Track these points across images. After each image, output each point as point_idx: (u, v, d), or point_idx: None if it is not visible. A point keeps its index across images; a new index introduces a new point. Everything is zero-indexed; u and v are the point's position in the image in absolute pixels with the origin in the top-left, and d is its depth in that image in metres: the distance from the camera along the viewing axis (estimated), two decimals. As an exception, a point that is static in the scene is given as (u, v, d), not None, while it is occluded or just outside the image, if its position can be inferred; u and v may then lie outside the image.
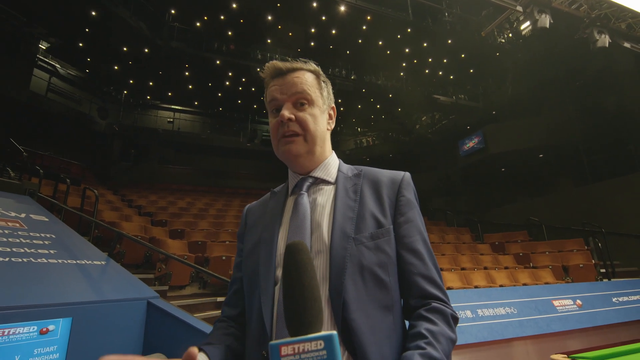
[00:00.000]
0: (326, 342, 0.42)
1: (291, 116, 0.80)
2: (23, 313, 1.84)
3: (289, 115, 0.80)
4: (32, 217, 3.49)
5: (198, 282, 5.71)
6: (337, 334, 0.43)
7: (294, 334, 0.45)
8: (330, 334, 0.42)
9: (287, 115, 0.79)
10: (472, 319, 4.03)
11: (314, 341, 0.42)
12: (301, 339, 0.43)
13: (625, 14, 8.36)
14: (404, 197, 0.81)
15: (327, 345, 0.42)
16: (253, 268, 0.80)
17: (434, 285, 0.74)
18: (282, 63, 0.84)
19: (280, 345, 0.43)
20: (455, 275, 6.05)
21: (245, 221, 0.95)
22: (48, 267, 2.47)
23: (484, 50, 13.27)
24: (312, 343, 0.42)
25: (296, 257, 0.49)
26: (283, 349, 0.42)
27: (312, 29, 13.70)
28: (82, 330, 2.01)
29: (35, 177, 6.81)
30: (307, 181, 0.84)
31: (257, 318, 0.73)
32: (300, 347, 0.42)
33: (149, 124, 16.53)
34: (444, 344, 0.64)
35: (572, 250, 7.38)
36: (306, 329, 0.45)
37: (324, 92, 0.88)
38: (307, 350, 0.42)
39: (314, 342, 0.42)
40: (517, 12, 8.20)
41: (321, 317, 0.47)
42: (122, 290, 2.49)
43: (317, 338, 0.42)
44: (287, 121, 0.80)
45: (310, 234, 0.76)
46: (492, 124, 13.47)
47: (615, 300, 4.99)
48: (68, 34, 11.68)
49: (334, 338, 0.42)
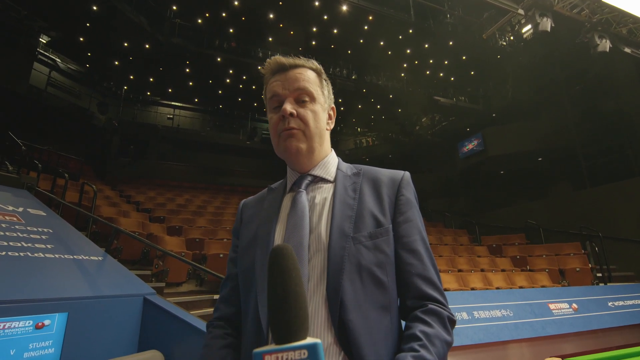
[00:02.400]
0: (310, 351, 0.42)
1: (293, 111, 0.79)
2: (18, 307, 1.83)
3: (291, 110, 0.79)
4: (30, 211, 3.48)
5: (195, 280, 5.70)
6: (321, 343, 0.42)
7: (278, 342, 0.44)
8: (314, 342, 0.42)
9: (289, 110, 0.78)
10: (468, 320, 4.03)
11: (298, 350, 0.42)
12: (285, 347, 0.42)
13: (627, 19, 8.38)
14: (404, 196, 0.81)
15: (311, 354, 0.42)
16: (249, 265, 0.79)
17: (432, 287, 0.73)
18: (284, 58, 0.83)
19: (263, 354, 0.42)
20: (452, 276, 6.06)
21: (240, 216, 0.94)
22: (45, 261, 2.46)
23: (485, 53, 13.27)
24: (295, 352, 0.42)
25: (280, 263, 0.48)
26: (267, 357, 0.42)
27: (313, 28, 13.68)
28: (78, 325, 2.01)
29: (33, 171, 6.78)
30: (306, 179, 0.84)
31: (254, 317, 0.72)
32: (283, 356, 0.42)
33: (149, 120, 16.49)
34: (439, 346, 0.63)
35: (569, 254, 7.40)
36: (291, 337, 0.44)
37: (325, 90, 0.87)
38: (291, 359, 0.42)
39: (298, 351, 0.42)
40: (519, 15, 8.21)
41: (306, 325, 0.46)
42: (119, 286, 2.49)
43: (301, 347, 0.42)
44: (289, 116, 0.79)
45: (308, 232, 0.75)
46: (492, 127, 13.49)
47: (611, 304, 5.01)
48: (69, 28, 11.63)
49: (318, 347, 0.42)
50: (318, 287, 0.70)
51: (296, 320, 0.45)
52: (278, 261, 0.48)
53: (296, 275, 0.48)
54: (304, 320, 0.46)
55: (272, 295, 0.47)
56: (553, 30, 7.84)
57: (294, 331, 0.44)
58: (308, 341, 0.43)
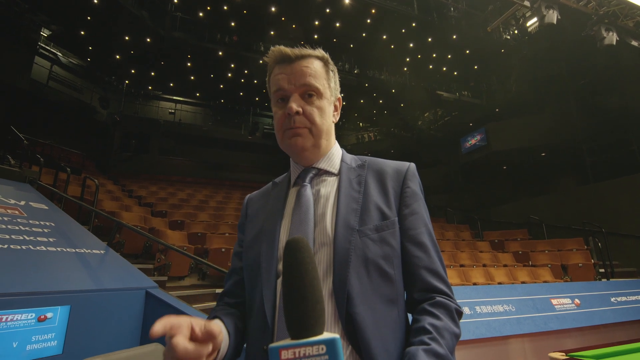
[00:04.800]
0: (328, 346, 0.40)
1: (299, 109, 0.77)
2: (21, 300, 1.84)
3: (297, 109, 0.77)
4: (32, 205, 3.48)
5: (197, 273, 5.72)
6: (339, 338, 0.41)
7: (295, 337, 0.42)
8: (332, 337, 0.41)
9: (295, 109, 0.76)
10: (470, 315, 4.03)
11: (316, 345, 0.40)
12: (302, 342, 0.41)
13: (634, 12, 8.26)
14: (409, 188, 0.79)
15: (330, 349, 0.40)
16: (254, 260, 0.78)
17: (439, 279, 0.72)
18: (289, 49, 0.80)
19: (280, 349, 0.41)
20: (454, 272, 6.06)
21: (245, 211, 0.93)
22: (47, 254, 2.46)
23: (488, 47, 13.15)
24: (313, 347, 0.40)
25: (297, 256, 0.46)
26: (283, 352, 0.40)
27: (315, 22, 13.57)
28: (80, 318, 2.01)
29: (35, 166, 6.79)
30: (310, 172, 0.82)
31: (259, 311, 0.71)
32: (301, 351, 0.40)
33: (151, 115, 16.48)
34: (448, 339, 0.63)
35: (571, 249, 7.38)
36: (308, 332, 0.42)
37: (332, 82, 0.85)
38: (309, 355, 0.40)
39: (316, 346, 0.40)
40: (525, 7, 8.10)
41: (323, 319, 0.44)
42: (121, 280, 2.49)
43: (319, 342, 0.40)
44: (295, 115, 0.77)
45: (313, 226, 0.74)
46: (495, 122, 13.40)
47: (613, 300, 4.99)
48: (70, 21, 11.57)
49: (337, 342, 0.40)
50: (324, 281, 0.69)
51: (313, 314, 0.43)
52: (293, 254, 0.46)
53: (312, 268, 0.46)
54: (321, 314, 0.44)
55: (288, 289, 0.45)
56: (558, 24, 7.74)
57: (311, 325, 0.42)
58: (326, 336, 0.41)
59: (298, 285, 0.45)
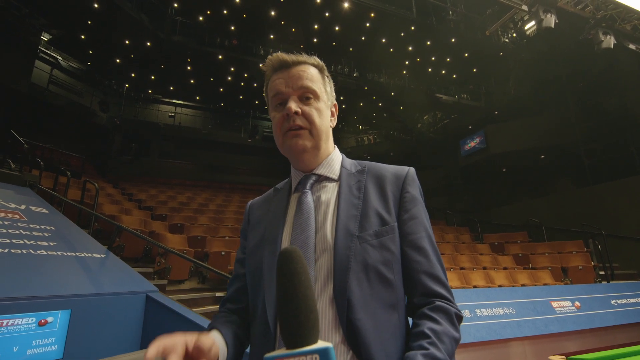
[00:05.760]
0: (322, 355, 0.41)
1: (298, 109, 0.78)
2: (22, 304, 1.84)
3: (296, 109, 0.78)
4: (32, 208, 3.49)
5: (197, 277, 5.71)
6: (332, 347, 0.42)
7: (290, 347, 0.43)
8: (325, 347, 0.42)
9: (294, 109, 0.78)
10: (471, 318, 4.03)
11: (309, 355, 0.41)
12: (296, 352, 0.42)
13: (631, 15, 8.31)
14: (409, 193, 0.80)
15: (323, 358, 0.41)
16: (257, 267, 0.79)
17: (439, 284, 0.73)
18: (287, 55, 0.82)
19: (275, 358, 0.42)
20: (454, 274, 6.06)
21: (248, 218, 0.94)
22: (47, 259, 2.46)
23: (487, 50, 13.21)
24: (307, 357, 0.41)
25: (290, 267, 0.47)
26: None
27: (315, 25, 13.63)
28: (81, 322, 2.01)
29: (35, 169, 6.80)
30: (311, 179, 0.83)
31: (261, 318, 0.72)
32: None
33: (151, 118, 16.50)
34: (448, 343, 0.63)
35: (571, 251, 7.38)
36: (302, 342, 0.43)
37: (328, 88, 0.87)
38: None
39: (310, 355, 0.41)
40: (522, 11, 8.14)
41: (317, 328, 0.45)
42: (121, 284, 2.49)
43: (313, 352, 0.41)
44: (294, 115, 0.78)
45: (314, 233, 0.75)
46: (494, 124, 13.43)
47: (613, 302, 4.99)
48: (70, 25, 11.61)
49: (330, 351, 0.41)
50: (325, 288, 0.70)
51: (306, 324, 0.44)
52: (286, 264, 0.47)
53: (305, 278, 0.47)
54: (314, 324, 0.45)
55: (281, 299, 0.46)
56: (556, 27, 7.77)
57: (304, 335, 0.43)
58: (319, 345, 0.42)
59: (292, 296, 0.45)
